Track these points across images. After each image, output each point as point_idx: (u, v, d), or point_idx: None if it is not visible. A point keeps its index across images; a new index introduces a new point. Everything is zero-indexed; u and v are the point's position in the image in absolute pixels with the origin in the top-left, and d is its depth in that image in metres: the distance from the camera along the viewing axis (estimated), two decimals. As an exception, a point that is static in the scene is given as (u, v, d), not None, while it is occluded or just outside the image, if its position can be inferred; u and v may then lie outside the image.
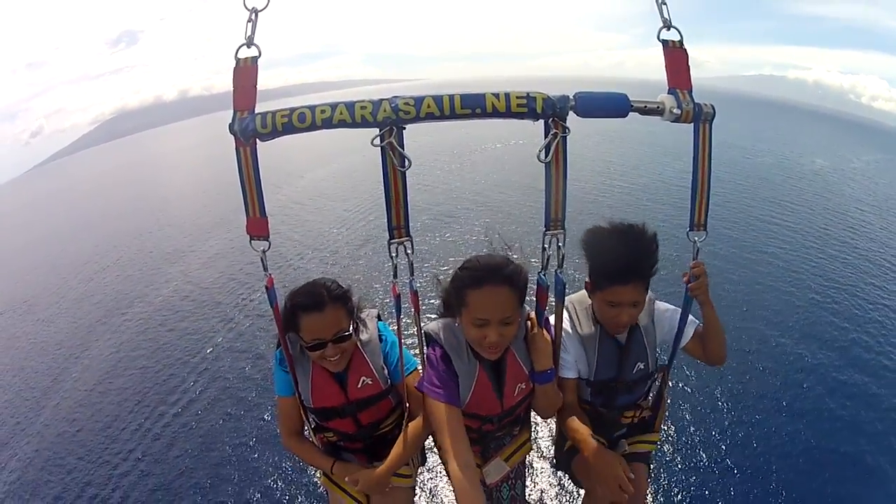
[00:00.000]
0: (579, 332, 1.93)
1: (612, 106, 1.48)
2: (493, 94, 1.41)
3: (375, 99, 1.41)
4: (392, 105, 1.39)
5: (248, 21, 1.47)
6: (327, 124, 1.40)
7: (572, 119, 1.46)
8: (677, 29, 1.49)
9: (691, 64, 1.52)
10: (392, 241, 1.56)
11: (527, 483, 2.38)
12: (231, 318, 7.97)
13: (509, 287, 1.60)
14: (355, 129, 1.42)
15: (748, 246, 9.84)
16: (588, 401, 2.03)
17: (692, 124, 1.55)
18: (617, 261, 1.71)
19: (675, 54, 1.52)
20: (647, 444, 2.16)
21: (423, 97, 1.40)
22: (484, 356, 1.73)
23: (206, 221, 14.58)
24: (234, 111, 1.49)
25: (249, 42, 1.48)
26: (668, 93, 1.51)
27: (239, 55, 1.50)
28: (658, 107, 1.50)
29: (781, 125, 40.88)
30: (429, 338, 1.82)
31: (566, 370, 1.93)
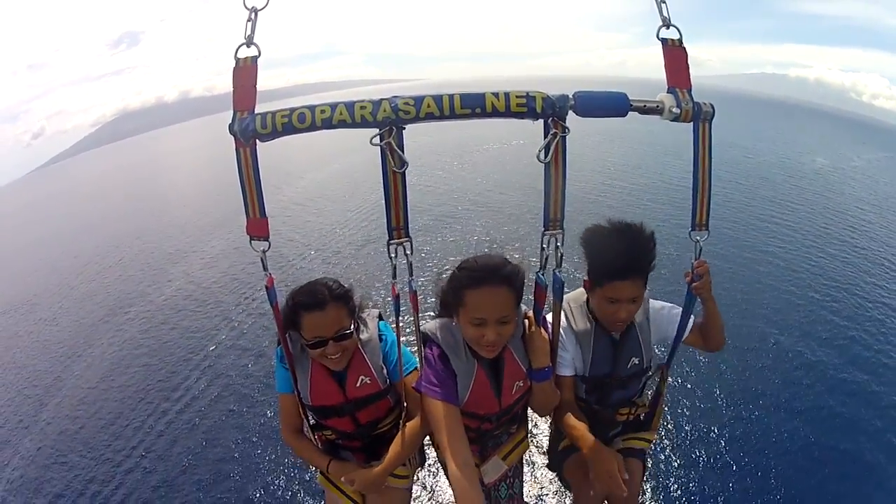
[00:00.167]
0: (574, 329, 1.95)
1: (612, 105, 1.47)
2: (493, 94, 1.40)
3: (375, 99, 1.40)
4: (392, 105, 1.38)
5: (248, 21, 1.47)
6: (327, 124, 1.40)
7: (572, 118, 1.46)
8: (676, 27, 1.48)
9: (692, 63, 1.52)
10: (391, 242, 1.55)
11: (525, 482, 2.37)
12: (233, 317, 7.99)
13: (507, 287, 1.61)
14: (356, 129, 1.41)
15: (748, 245, 9.83)
16: (583, 398, 2.06)
17: (692, 123, 1.54)
18: (616, 257, 1.73)
19: (675, 53, 1.51)
20: (642, 442, 2.18)
21: (423, 97, 1.39)
22: (482, 355, 1.73)
23: (208, 222, 14.59)
24: (234, 111, 1.49)
25: (249, 42, 1.47)
26: (668, 92, 1.51)
27: (238, 55, 1.49)
28: (657, 106, 1.50)
29: (782, 124, 40.83)
30: (426, 337, 1.82)
31: (563, 368, 1.94)
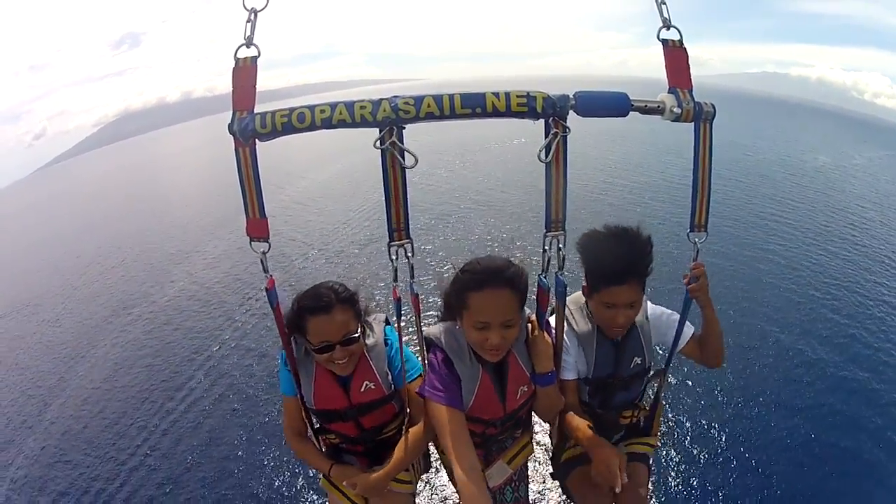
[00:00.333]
0: (576, 331, 1.94)
1: (613, 105, 1.47)
2: (494, 94, 1.39)
3: (375, 99, 1.39)
4: (392, 105, 1.37)
5: (248, 21, 1.46)
6: (327, 124, 1.39)
7: (573, 118, 1.45)
8: (677, 28, 1.48)
9: (693, 62, 1.51)
10: (392, 244, 1.54)
11: (530, 485, 2.36)
12: (236, 317, 8.01)
13: (511, 289, 1.59)
14: (358, 129, 1.40)
15: (749, 243, 9.83)
16: (586, 402, 2.04)
17: (693, 123, 1.53)
18: (613, 262, 1.72)
19: (676, 53, 1.50)
20: (645, 446, 2.16)
21: (423, 97, 1.38)
22: (486, 359, 1.72)
23: (210, 222, 14.61)
24: (234, 111, 1.48)
25: (249, 42, 1.47)
26: (669, 92, 1.50)
27: (238, 55, 1.49)
28: (658, 106, 1.49)
29: (784, 123, 40.81)
30: (430, 342, 1.80)
31: (567, 371, 1.93)
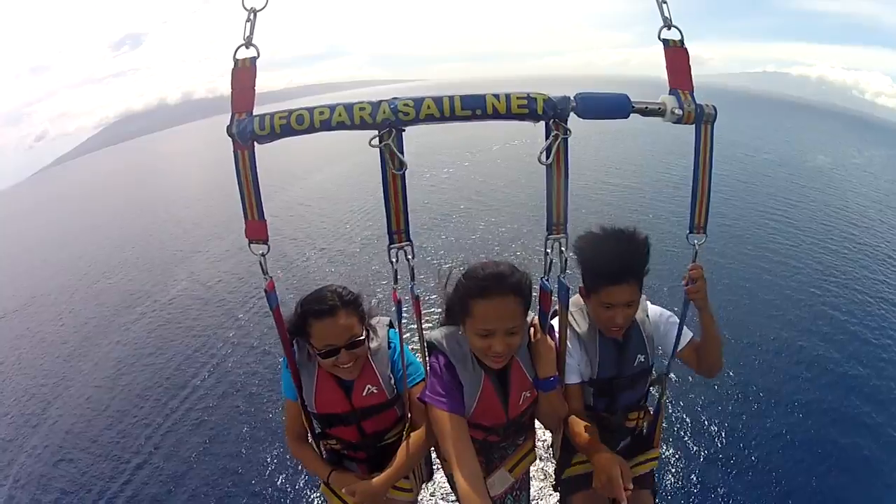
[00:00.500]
0: (578, 333, 1.91)
1: (614, 107, 1.45)
2: (494, 96, 1.38)
3: (374, 100, 1.38)
4: (391, 106, 1.36)
5: (247, 21, 1.45)
6: (326, 126, 1.38)
7: (574, 118, 1.43)
8: (678, 28, 1.46)
9: (694, 61, 1.49)
10: (392, 246, 1.52)
11: (531, 494, 2.33)
12: (239, 316, 8.02)
13: (514, 296, 1.56)
14: (360, 131, 1.39)
15: (749, 241, 9.84)
16: (591, 406, 2.00)
17: (693, 125, 1.52)
18: (609, 262, 1.71)
19: (676, 54, 1.49)
20: (649, 464, 2.11)
21: (423, 98, 1.37)
22: (489, 366, 1.69)
23: (212, 222, 14.59)
24: (232, 113, 1.47)
25: (248, 42, 1.45)
26: (670, 93, 1.49)
27: (237, 55, 1.47)
28: (659, 108, 1.48)
29: (784, 122, 40.70)
30: (432, 346, 1.77)
31: (571, 375, 1.89)
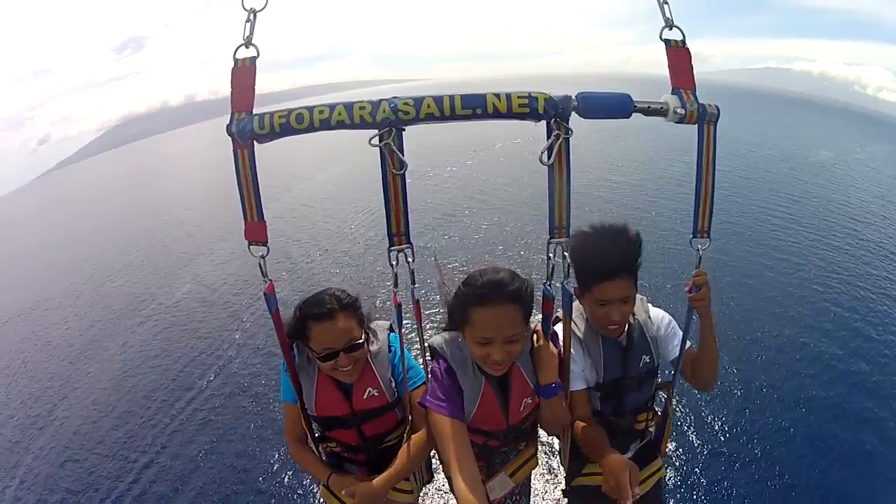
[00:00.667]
0: (580, 337, 1.90)
1: (615, 107, 1.44)
2: (495, 95, 1.37)
3: (374, 99, 1.38)
4: (391, 105, 1.36)
5: (247, 21, 1.45)
6: (325, 125, 1.37)
7: (576, 118, 1.42)
8: (679, 28, 1.45)
9: (696, 59, 1.48)
10: (392, 249, 1.52)
11: (532, 500, 2.32)
12: (244, 317, 8.02)
13: (514, 304, 1.54)
14: (364, 131, 1.38)
15: (751, 237, 9.81)
16: (599, 411, 1.98)
17: (696, 125, 1.50)
18: (599, 258, 1.71)
19: (678, 54, 1.48)
20: (655, 476, 2.09)
21: (423, 97, 1.37)
22: (489, 373, 1.68)
23: (215, 223, 14.54)
24: (232, 112, 1.47)
25: (248, 42, 1.46)
26: (672, 93, 1.48)
27: (237, 55, 1.47)
28: (661, 107, 1.47)
29: (787, 118, 40.47)
30: (433, 351, 1.78)
31: (576, 381, 1.87)
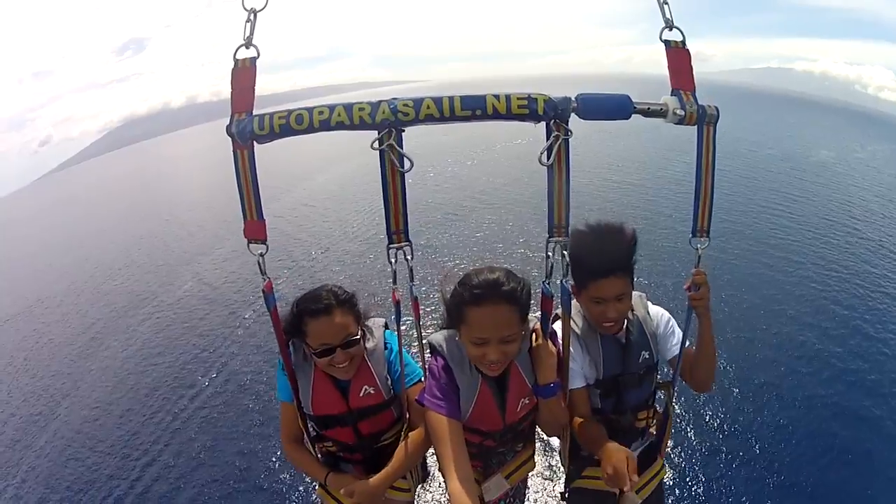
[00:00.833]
0: (579, 335, 1.89)
1: (615, 108, 1.45)
2: (494, 96, 1.37)
3: (374, 101, 1.38)
4: (391, 107, 1.36)
5: (247, 21, 1.45)
6: (325, 126, 1.38)
7: (575, 118, 1.42)
8: (679, 29, 1.45)
9: (697, 59, 1.48)
10: (391, 247, 1.53)
11: (529, 502, 2.30)
12: (246, 316, 8.05)
13: (509, 304, 1.54)
14: (365, 131, 1.38)
15: (752, 236, 9.83)
16: (599, 409, 1.97)
17: (696, 126, 1.50)
18: (594, 256, 1.71)
19: (678, 55, 1.48)
20: (656, 479, 2.08)
21: (423, 98, 1.37)
22: (485, 373, 1.68)
23: (217, 224, 14.57)
24: (232, 113, 1.47)
25: (248, 42, 1.46)
26: (672, 94, 1.48)
27: (238, 56, 1.48)
28: (661, 109, 1.46)
29: (788, 117, 40.42)
30: (432, 348, 1.77)
31: (575, 380, 1.86)
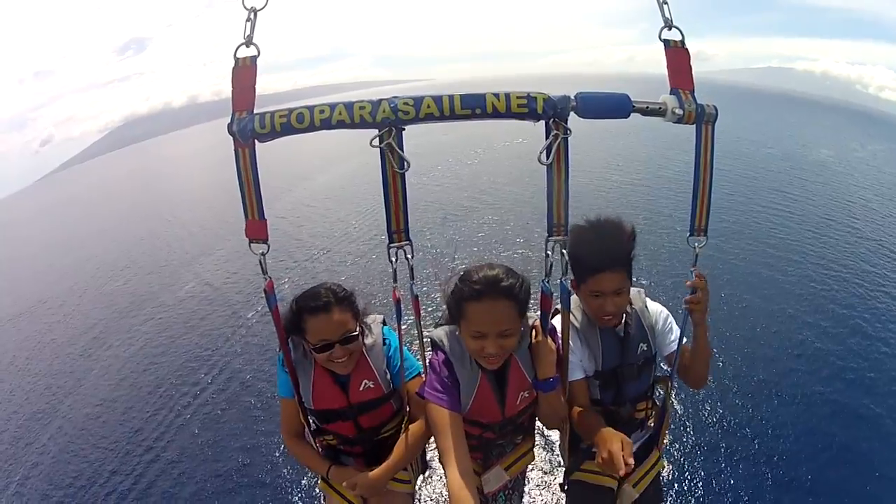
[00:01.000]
0: (578, 328, 1.92)
1: (614, 107, 1.46)
2: (494, 95, 1.38)
3: (374, 99, 1.39)
4: (391, 105, 1.37)
5: (247, 20, 1.46)
6: (326, 125, 1.38)
7: (574, 117, 1.43)
8: (679, 29, 1.47)
9: (698, 58, 1.49)
10: (391, 246, 1.54)
11: (524, 497, 2.33)
12: (248, 316, 8.03)
13: (508, 300, 1.57)
14: (366, 130, 1.39)
15: (751, 235, 9.80)
16: (599, 400, 2.00)
17: (694, 125, 1.51)
18: (593, 250, 1.74)
19: (678, 54, 1.49)
20: (652, 471, 2.08)
21: (423, 97, 1.38)
22: (484, 366, 1.72)
23: (219, 224, 14.51)
24: (233, 112, 1.48)
25: (248, 41, 1.46)
26: (671, 93, 1.49)
27: (238, 54, 1.48)
28: (660, 108, 1.48)
29: (788, 117, 40.33)
30: (433, 343, 1.81)
31: (574, 372, 1.89)
